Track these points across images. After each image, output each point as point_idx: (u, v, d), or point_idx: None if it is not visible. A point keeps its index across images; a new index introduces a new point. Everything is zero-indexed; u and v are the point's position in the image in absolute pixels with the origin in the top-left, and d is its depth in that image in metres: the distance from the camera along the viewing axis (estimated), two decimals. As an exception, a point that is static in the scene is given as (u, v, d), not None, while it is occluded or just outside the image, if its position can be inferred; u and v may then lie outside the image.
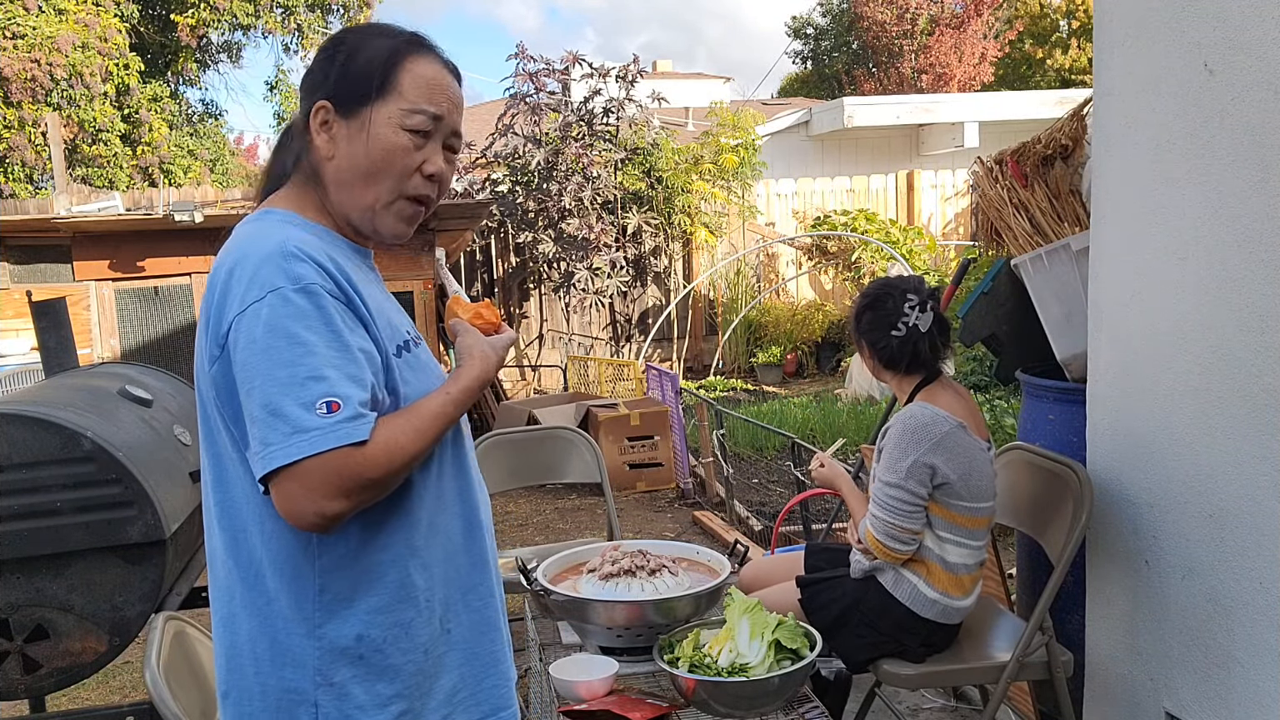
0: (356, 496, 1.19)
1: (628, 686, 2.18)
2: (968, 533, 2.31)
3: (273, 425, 1.16)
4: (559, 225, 9.34)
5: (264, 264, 1.21)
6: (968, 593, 2.35)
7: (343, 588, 1.27)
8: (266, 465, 1.17)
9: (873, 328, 2.43)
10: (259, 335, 1.18)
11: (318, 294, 1.20)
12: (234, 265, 1.23)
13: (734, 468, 5.54)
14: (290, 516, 1.19)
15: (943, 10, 19.78)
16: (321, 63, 1.35)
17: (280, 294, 1.19)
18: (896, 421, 2.33)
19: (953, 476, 2.27)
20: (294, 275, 1.20)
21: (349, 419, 1.18)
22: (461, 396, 1.34)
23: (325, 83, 1.33)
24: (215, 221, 7.88)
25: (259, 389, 1.17)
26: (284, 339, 1.18)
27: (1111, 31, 2.37)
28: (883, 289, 2.46)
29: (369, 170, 1.32)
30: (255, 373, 1.18)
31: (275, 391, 1.17)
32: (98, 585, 2.43)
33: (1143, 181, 2.28)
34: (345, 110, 1.31)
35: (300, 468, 1.16)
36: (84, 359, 3.73)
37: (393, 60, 1.32)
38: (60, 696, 3.32)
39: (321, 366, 1.18)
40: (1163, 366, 2.23)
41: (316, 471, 1.16)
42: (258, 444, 1.18)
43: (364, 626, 1.28)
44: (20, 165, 12.86)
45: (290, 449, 1.16)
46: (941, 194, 11.71)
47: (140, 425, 2.70)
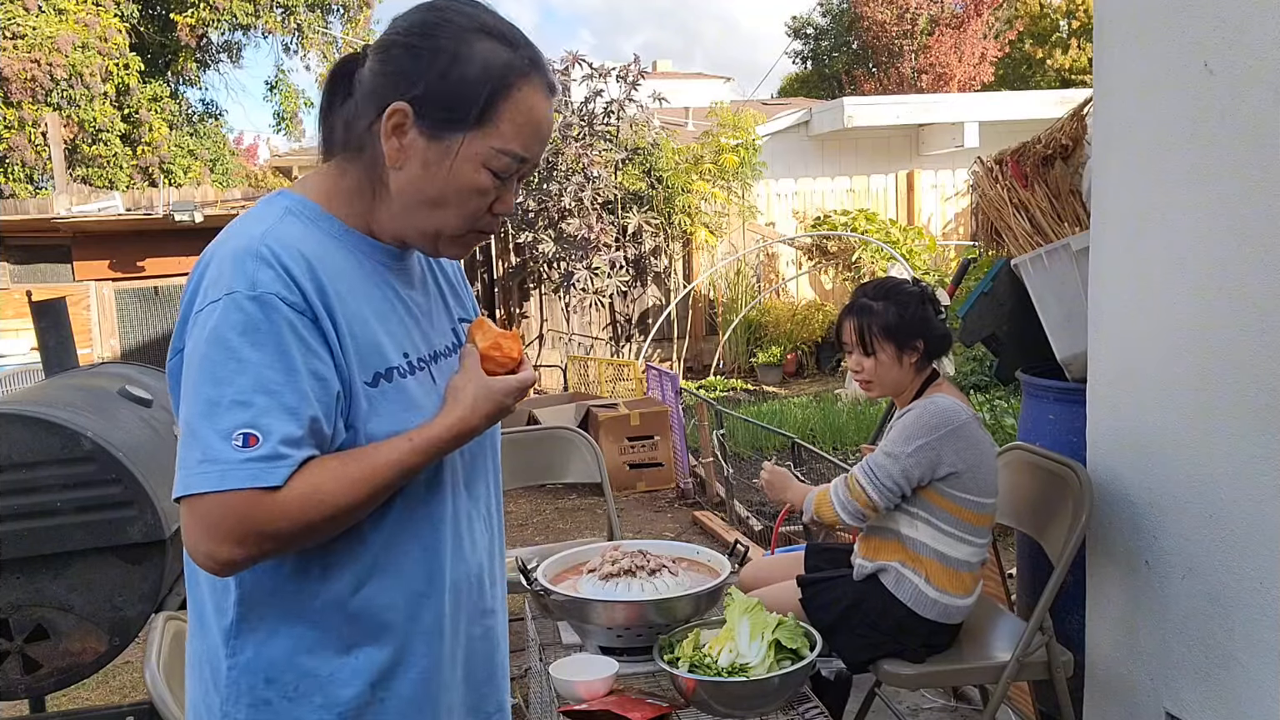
0: (255, 546, 1.05)
1: (628, 686, 2.18)
2: (970, 529, 2.31)
3: (188, 447, 1.05)
4: (559, 225, 9.34)
5: (228, 260, 1.09)
6: (969, 592, 2.35)
7: (259, 622, 1.14)
8: (177, 489, 1.05)
9: (929, 320, 2.41)
10: (201, 342, 1.06)
11: (272, 305, 1.06)
12: (211, 256, 1.12)
13: (734, 468, 5.54)
14: (187, 548, 1.08)
15: (943, 10, 19.78)
16: (413, 55, 1.14)
17: (234, 299, 1.06)
18: (917, 406, 2.34)
19: (961, 467, 2.27)
20: (252, 280, 1.07)
21: (263, 458, 1.03)
22: (426, 446, 1.14)
23: (411, 82, 1.13)
24: (215, 221, 7.88)
25: (188, 402, 1.06)
26: (222, 351, 1.05)
27: (1111, 31, 2.37)
28: (900, 283, 2.46)
29: (437, 200, 1.16)
30: (189, 382, 1.07)
31: (198, 410, 1.05)
32: (98, 585, 2.43)
33: (1143, 181, 2.28)
34: (430, 128, 1.13)
35: (200, 502, 1.03)
36: (84, 359, 3.73)
37: (500, 86, 1.13)
38: (60, 696, 3.32)
39: (250, 391, 1.04)
40: (1163, 366, 2.23)
41: (214, 510, 1.03)
42: (177, 462, 1.06)
43: (274, 669, 1.14)
44: (20, 165, 12.88)
45: (193, 478, 1.03)
46: (941, 194, 11.71)
47: (140, 425, 2.70)
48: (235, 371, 1.05)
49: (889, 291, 2.43)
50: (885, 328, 2.39)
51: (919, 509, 2.32)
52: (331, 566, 1.15)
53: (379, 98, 1.14)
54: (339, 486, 1.08)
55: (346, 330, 1.12)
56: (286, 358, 1.06)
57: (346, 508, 1.09)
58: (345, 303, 1.13)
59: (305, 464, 1.07)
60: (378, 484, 1.11)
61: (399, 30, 1.16)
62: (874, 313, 2.40)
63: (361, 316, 1.15)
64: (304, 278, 1.10)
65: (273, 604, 1.14)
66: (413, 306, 1.24)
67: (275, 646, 1.14)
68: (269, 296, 1.06)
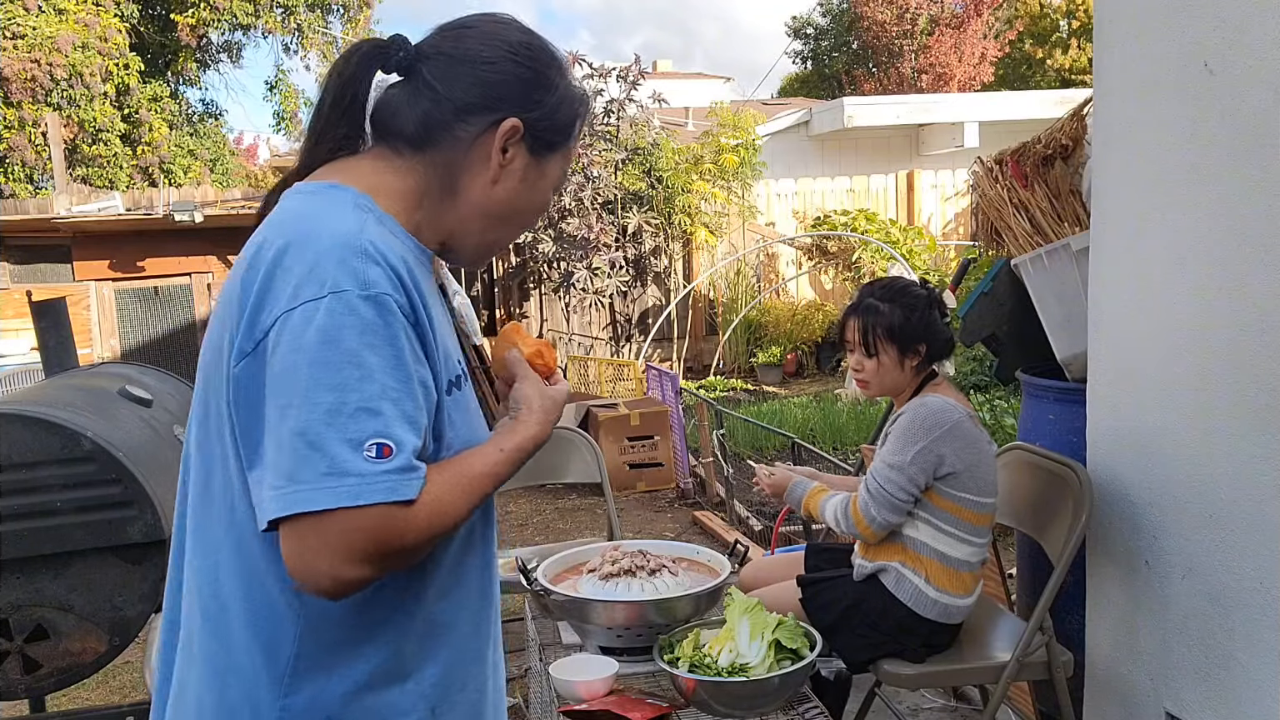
0: (384, 564, 0.99)
1: (628, 686, 2.18)
2: (970, 528, 2.31)
3: (305, 459, 0.94)
4: (559, 225, 9.34)
5: (328, 255, 0.99)
6: (969, 591, 2.35)
7: (323, 655, 1.05)
8: (286, 506, 0.95)
9: (934, 324, 2.40)
10: (309, 342, 0.96)
11: (387, 306, 0.99)
12: (287, 246, 1.01)
13: (734, 468, 5.54)
14: (298, 572, 0.97)
15: (943, 10, 19.79)
16: (529, 78, 1.16)
17: (344, 298, 0.97)
18: (909, 409, 2.34)
19: (960, 466, 2.27)
20: (364, 279, 0.99)
21: (399, 470, 0.97)
22: (516, 456, 1.12)
23: (527, 102, 1.15)
24: (215, 221, 7.89)
25: (297, 409, 0.96)
26: (339, 354, 0.96)
27: (1111, 31, 2.37)
28: (908, 285, 2.45)
29: (516, 214, 1.19)
30: (296, 388, 0.96)
31: (317, 418, 0.95)
32: (98, 585, 2.43)
33: (1143, 181, 2.28)
34: (535, 147, 1.16)
35: (328, 519, 0.94)
36: (84, 359, 3.73)
37: (581, 117, 1.22)
38: (60, 696, 3.32)
39: (377, 398, 0.97)
40: (1163, 366, 2.23)
41: (346, 528, 0.95)
42: (279, 476, 0.95)
43: (338, 707, 1.06)
44: (20, 165, 12.88)
45: (322, 494, 0.94)
46: (941, 194, 11.71)
47: (140, 425, 2.70)
48: (359, 377, 0.96)
49: (896, 294, 2.41)
50: (889, 331, 2.37)
51: (919, 509, 2.32)
52: (412, 581, 1.10)
53: (479, 110, 1.13)
54: (455, 497, 1.04)
55: (432, 336, 1.07)
56: (402, 364, 1.00)
57: (460, 519, 1.06)
58: (428, 307, 1.08)
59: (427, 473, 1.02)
60: (482, 493, 1.09)
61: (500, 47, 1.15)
62: (879, 314, 2.38)
63: (438, 321, 1.11)
64: (406, 278, 1.04)
65: (337, 634, 1.06)
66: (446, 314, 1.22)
67: (336, 682, 1.06)
68: (384, 298, 0.99)
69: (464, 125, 1.13)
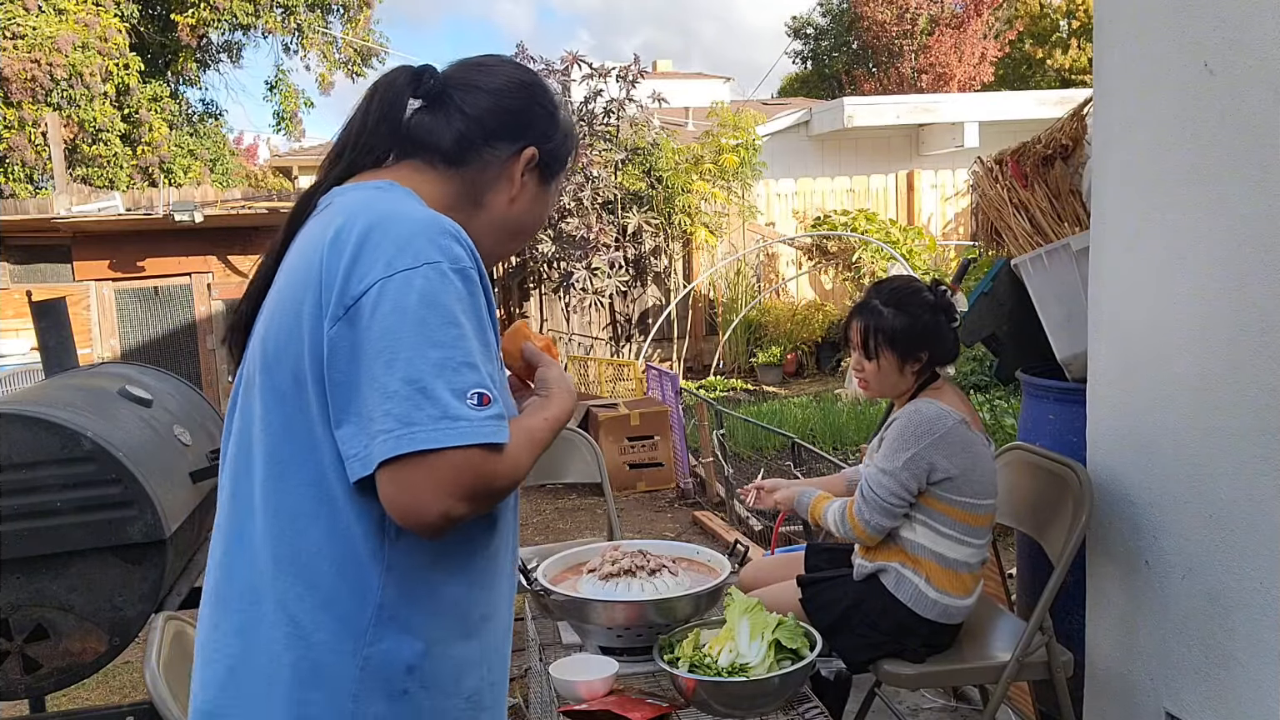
0: (478, 504, 1.09)
1: (628, 686, 2.18)
2: (969, 529, 2.31)
3: (418, 404, 1.05)
4: (559, 225, 9.34)
5: (417, 233, 1.12)
6: (969, 592, 2.35)
7: (403, 607, 1.14)
8: (403, 446, 1.04)
9: (939, 331, 2.38)
10: (411, 305, 1.07)
11: (473, 280, 1.13)
12: (370, 227, 1.12)
13: (734, 468, 5.54)
14: (406, 510, 1.06)
15: (943, 10, 19.79)
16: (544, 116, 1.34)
17: (437, 268, 1.10)
18: (902, 415, 2.34)
19: (954, 472, 2.27)
20: (452, 254, 1.12)
21: (497, 417, 1.08)
22: (555, 425, 1.25)
23: (543, 135, 1.33)
24: (215, 221, 7.88)
25: (404, 362, 1.06)
26: (439, 315, 1.08)
27: (1111, 31, 2.37)
28: (915, 291, 2.42)
29: (521, 231, 1.36)
30: (402, 344, 1.06)
31: (426, 369, 1.06)
32: (98, 585, 2.43)
33: (1143, 181, 2.28)
34: (544, 174, 1.35)
35: (441, 457, 1.05)
36: (84, 359, 3.73)
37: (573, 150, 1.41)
38: (60, 696, 3.32)
39: (474, 355, 1.09)
40: (1163, 366, 2.23)
41: (457, 466, 1.05)
42: (392, 421, 1.05)
43: (417, 658, 1.14)
44: (20, 165, 12.87)
45: (439, 434, 1.04)
46: (941, 194, 11.71)
47: (140, 425, 2.70)
48: (458, 336, 1.09)
49: (902, 299, 2.38)
50: (891, 337, 2.35)
51: (916, 512, 2.32)
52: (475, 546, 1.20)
53: (507, 137, 1.31)
54: (524, 451, 1.15)
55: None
56: (483, 330, 1.13)
57: (526, 472, 1.17)
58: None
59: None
60: (538, 453, 1.20)
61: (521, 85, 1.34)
62: (882, 319, 2.37)
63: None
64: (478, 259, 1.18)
65: (416, 586, 1.15)
66: None
67: (414, 634, 1.14)
68: (469, 271, 1.13)
69: (492, 149, 1.30)
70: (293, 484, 1.13)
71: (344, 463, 1.10)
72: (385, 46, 16.35)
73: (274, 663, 1.13)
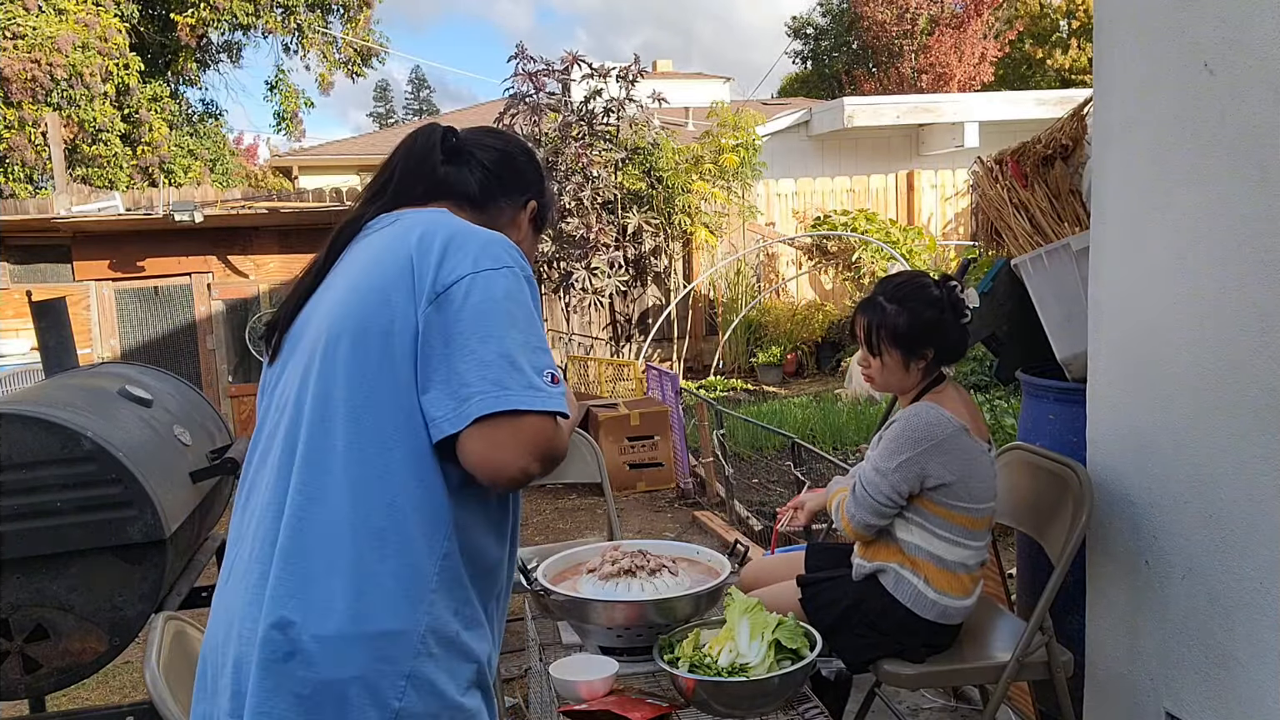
0: (546, 465, 1.27)
1: (628, 686, 2.18)
2: (967, 532, 2.31)
3: (510, 374, 1.25)
4: (559, 225, 9.33)
5: (494, 243, 1.35)
6: (968, 593, 2.35)
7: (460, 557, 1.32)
8: (499, 405, 1.23)
9: (944, 328, 2.35)
10: (499, 296, 1.29)
11: (535, 286, 1.37)
12: (454, 234, 1.35)
13: (734, 468, 5.54)
14: (490, 462, 1.24)
15: (943, 10, 19.79)
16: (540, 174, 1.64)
17: (515, 272, 1.33)
18: (902, 417, 2.33)
19: (950, 479, 2.26)
20: (522, 264, 1.36)
21: (562, 394, 1.30)
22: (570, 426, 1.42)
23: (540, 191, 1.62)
24: (215, 221, 7.88)
25: (498, 339, 1.27)
26: (521, 308, 1.31)
27: (1111, 31, 2.37)
28: (922, 287, 2.38)
29: None
30: (495, 324, 1.28)
31: (515, 347, 1.27)
32: (98, 585, 2.43)
33: (1143, 181, 2.28)
34: (538, 222, 1.63)
35: (524, 420, 1.24)
36: (84, 359, 3.73)
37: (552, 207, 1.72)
38: (60, 696, 3.32)
39: (545, 342, 1.33)
40: (1163, 366, 2.23)
41: (537, 428, 1.25)
42: (488, 385, 1.24)
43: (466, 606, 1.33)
44: (20, 165, 12.87)
45: (527, 398, 1.24)
46: (941, 194, 11.71)
47: (140, 425, 2.70)
48: (534, 326, 1.32)
49: (907, 295, 2.36)
50: (894, 334, 2.34)
51: (913, 514, 2.31)
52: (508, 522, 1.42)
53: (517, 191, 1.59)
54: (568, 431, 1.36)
55: None
56: (541, 327, 1.36)
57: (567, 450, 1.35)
58: None
59: None
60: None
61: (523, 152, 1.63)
62: (885, 315, 2.34)
63: None
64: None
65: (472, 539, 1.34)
66: None
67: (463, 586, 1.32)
68: (533, 280, 1.37)
69: (507, 199, 1.58)
70: (379, 447, 1.28)
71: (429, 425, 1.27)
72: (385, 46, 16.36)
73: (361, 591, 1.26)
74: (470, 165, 1.55)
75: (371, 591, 1.25)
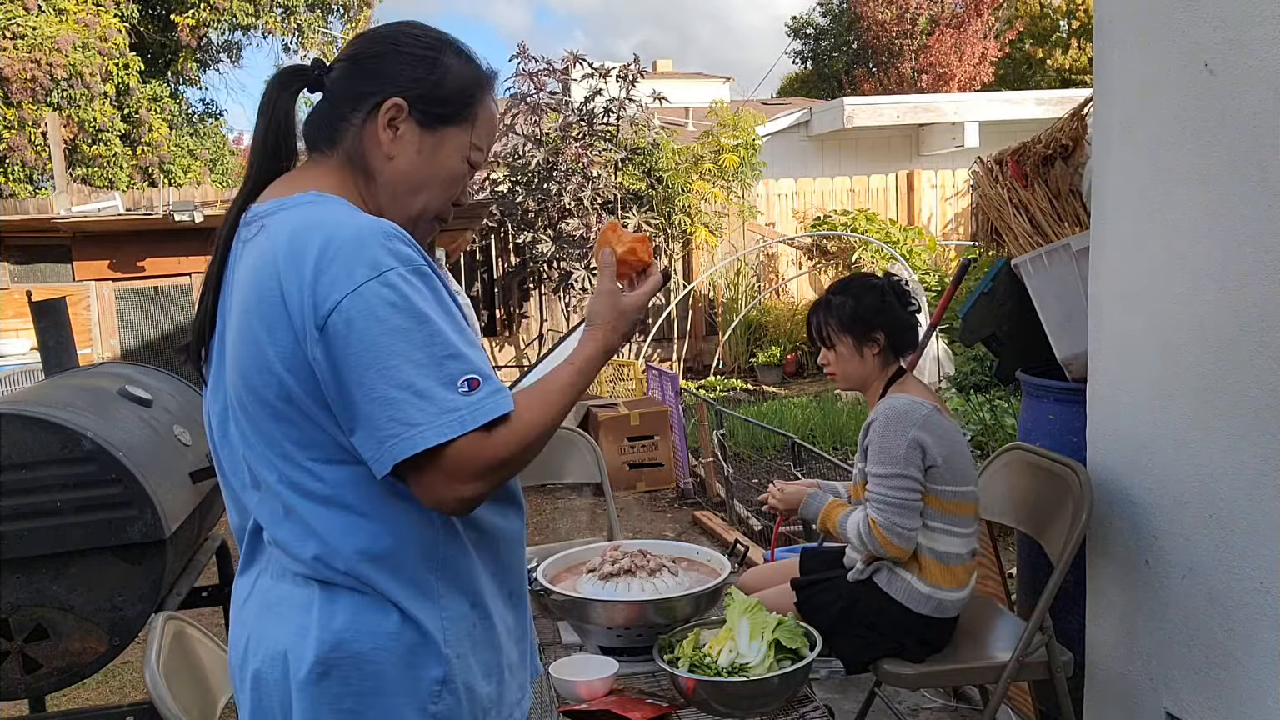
0: (491, 478, 1.17)
1: (628, 686, 2.18)
2: (955, 519, 2.31)
3: (417, 406, 1.12)
4: (559, 225, 9.34)
5: (366, 244, 1.16)
6: (962, 585, 2.35)
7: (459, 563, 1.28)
8: (411, 448, 1.12)
9: (890, 311, 2.41)
10: (384, 314, 1.13)
11: (428, 274, 1.19)
12: (324, 243, 1.16)
13: (734, 468, 5.54)
14: (429, 502, 1.17)
15: (943, 10, 19.78)
16: (409, 62, 1.31)
17: (396, 273, 1.15)
18: (878, 414, 2.35)
19: (939, 458, 2.28)
20: (404, 256, 1.17)
21: (490, 394, 1.16)
22: (587, 367, 1.31)
23: (407, 82, 1.29)
24: (215, 221, 7.87)
25: (394, 368, 1.12)
26: (412, 318, 1.14)
27: (1111, 31, 2.37)
28: (861, 277, 2.51)
29: (424, 184, 1.32)
30: (387, 352, 1.13)
31: (415, 371, 1.13)
32: (98, 585, 2.43)
33: (1143, 181, 2.28)
34: (424, 121, 1.30)
35: (445, 452, 1.13)
36: (84, 359, 3.73)
37: (478, 90, 1.34)
38: (60, 696, 3.32)
39: (455, 344, 1.16)
40: (1163, 366, 2.23)
41: (461, 456, 1.13)
42: (396, 425, 1.12)
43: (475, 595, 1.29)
44: (20, 165, 12.86)
45: (440, 429, 1.12)
46: (941, 194, 11.71)
47: (140, 425, 2.70)
48: (434, 332, 1.15)
49: (849, 285, 2.48)
50: (841, 320, 2.43)
51: None
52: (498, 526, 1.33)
53: (364, 97, 1.29)
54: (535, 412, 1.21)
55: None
56: (452, 316, 1.19)
57: (545, 429, 1.22)
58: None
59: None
60: (564, 405, 1.26)
61: (383, 40, 1.33)
62: (831, 306, 2.45)
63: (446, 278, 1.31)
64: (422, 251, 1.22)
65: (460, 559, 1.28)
66: None
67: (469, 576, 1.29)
68: (424, 268, 1.19)
69: (355, 114, 1.30)
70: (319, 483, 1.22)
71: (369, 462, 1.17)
72: (385, 46, 16.30)
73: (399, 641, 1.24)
74: (325, 94, 1.33)
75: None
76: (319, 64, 1.33)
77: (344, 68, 1.32)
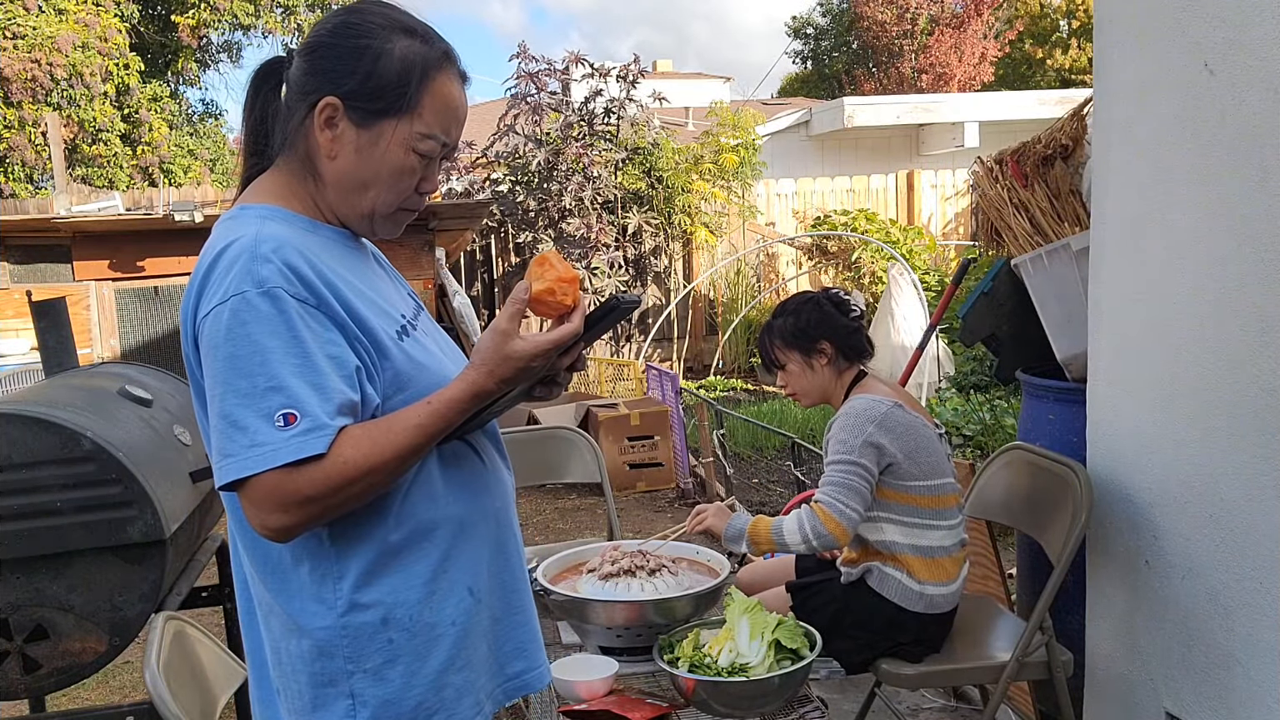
0: (297, 512, 1.16)
1: (628, 686, 2.18)
2: (935, 513, 2.32)
3: (233, 437, 1.15)
4: (559, 225, 9.34)
5: (233, 265, 1.17)
6: (952, 578, 2.35)
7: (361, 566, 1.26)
8: (224, 477, 1.16)
9: (831, 320, 2.43)
10: (220, 341, 1.16)
11: (280, 298, 1.16)
12: (210, 264, 1.20)
13: (734, 468, 5.54)
14: (252, 526, 1.20)
15: (943, 10, 19.79)
16: (341, 54, 1.25)
17: (243, 298, 1.15)
18: (839, 416, 2.37)
19: (899, 456, 2.28)
20: (258, 278, 1.16)
21: (305, 432, 1.14)
22: (445, 409, 1.22)
23: (341, 78, 1.25)
24: (215, 222, 7.87)
25: (219, 397, 1.16)
26: (245, 345, 1.15)
27: (1111, 31, 2.37)
28: (798, 295, 2.56)
29: (370, 182, 1.28)
30: (217, 380, 1.16)
31: (235, 401, 1.15)
32: (98, 585, 2.43)
33: (1143, 181, 2.28)
34: (360, 118, 1.25)
35: (253, 482, 1.15)
36: (84, 359, 3.73)
37: (420, 77, 1.26)
38: (60, 696, 3.32)
39: (282, 375, 1.15)
40: (1163, 366, 2.23)
41: (264, 490, 1.15)
42: (217, 454, 1.17)
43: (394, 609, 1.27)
44: (20, 165, 12.87)
45: (248, 462, 1.14)
46: (941, 194, 11.70)
47: (140, 425, 2.70)
48: (261, 362, 1.14)
49: (784, 306, 2.53)
50: (785, 338, 2.48)
51: (879, 510, 2.33)
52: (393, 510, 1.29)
53: (308, 95, 1.26)
54: (363, 453, 1.17)
55: (356, 304, 1.24)
56: (301, 345, 1.16)
57: (374, 468, 1.18)
58: (345, 282, 1.24)
59: (340, 433, 1.17)
60: (410, 444, 1.20)
61: (323, 32, 1.28)
62: (774, 329, 2.51)
63: (359, 290, 1.27)
64: (304, 269, 1.19)
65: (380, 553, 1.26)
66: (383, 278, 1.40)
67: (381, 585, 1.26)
68: (277, 290, 1.16)
69: (297, 115, 1.28)
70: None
71: None
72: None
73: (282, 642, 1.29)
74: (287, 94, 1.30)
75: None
76: (288, 56, 1.30)
77: (297, 63, 1.28)
